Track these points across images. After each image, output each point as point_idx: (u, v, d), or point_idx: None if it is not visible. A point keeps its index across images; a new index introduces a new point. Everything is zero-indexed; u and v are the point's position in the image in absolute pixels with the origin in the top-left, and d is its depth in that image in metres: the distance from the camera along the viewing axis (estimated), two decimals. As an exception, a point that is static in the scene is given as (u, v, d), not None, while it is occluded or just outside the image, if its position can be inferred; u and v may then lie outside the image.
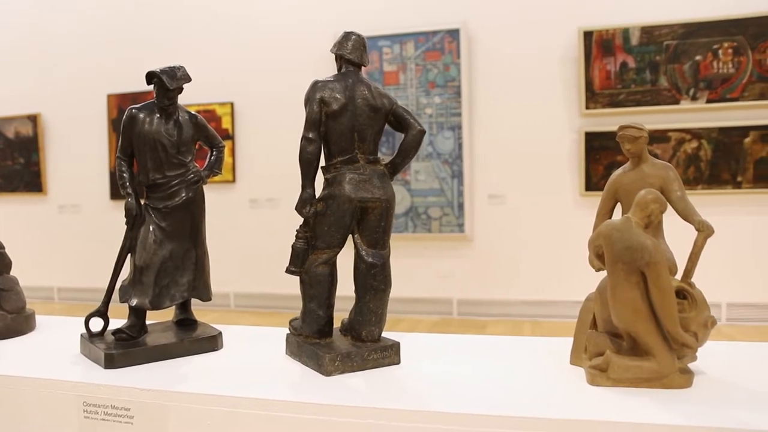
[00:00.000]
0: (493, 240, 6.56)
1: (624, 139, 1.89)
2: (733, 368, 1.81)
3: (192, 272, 2.26)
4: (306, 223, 2.01)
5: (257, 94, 7.04)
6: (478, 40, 6.49)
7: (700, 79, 5.99)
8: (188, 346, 2.13)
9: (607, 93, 6.17)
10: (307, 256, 2.01)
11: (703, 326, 1.68)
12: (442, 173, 6.57)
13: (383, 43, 6.62)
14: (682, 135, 6.02)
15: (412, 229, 6.67)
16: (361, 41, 2.08)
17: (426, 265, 6.70)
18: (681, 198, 1.81)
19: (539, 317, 6.38)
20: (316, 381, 1.83)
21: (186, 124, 2.24)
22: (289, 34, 6.91)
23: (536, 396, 1.65)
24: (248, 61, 7.04)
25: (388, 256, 2.03)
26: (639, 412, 1.51)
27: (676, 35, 6.00)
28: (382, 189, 1.99)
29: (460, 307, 6.65)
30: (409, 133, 2.04)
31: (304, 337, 2.02)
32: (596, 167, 6.20)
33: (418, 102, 6.58)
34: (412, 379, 1.83)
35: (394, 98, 2.07)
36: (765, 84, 5.86)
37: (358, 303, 2.01)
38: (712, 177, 5.97)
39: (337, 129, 1.97)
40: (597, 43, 6.14)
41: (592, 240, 1.77)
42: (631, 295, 1.63)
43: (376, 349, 1.94)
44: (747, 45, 5.87)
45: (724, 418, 1.46)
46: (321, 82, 1.99)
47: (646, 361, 1.63)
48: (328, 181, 2.00)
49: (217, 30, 7.14)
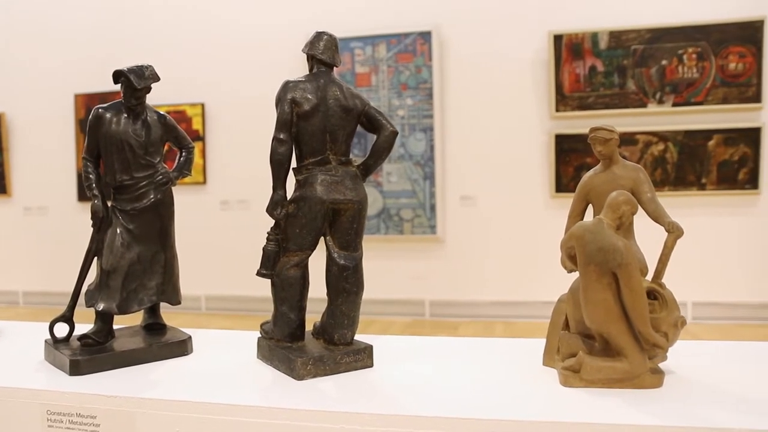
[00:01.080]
0: (465, 241, 6.59)
1: (595, 140, 1.91)
2: (702, 367, 1.83)
3: (161, 275, 2.21)
4: (277, 225, 1.98)
5: (228, 95, 6.97)
6: (450, 42, 6.52)
7: (666, 83, 6.10)
8: (157, 351, 2.08)
9: (576, 96, 6.25)
10: (279, 259, 1.98)
11: (673, 326, 1.70)
12: (414, 175, 6.58)
13: (355, 44, 6.60)
14: (650, 138, 6.13)
15: (384, 231, 6.67)
16: (333, 41, 2.06)
17: (398, 267, 6.70)
18: (651, 199, 1.83)
19: (511, 318, 6.42)
20: (287, 385, 1.80)
21: (154, 125, 2.19)
22: (260, 34, 6.85)
23: (510, 398, 1.65)
24: (219, 62, 6.97)
25: (361, 258, 2.01)
26: (612, 412, 1.52)
27: (643, 40, 6.10)
28: (355, 190, 1.97)
29: (433, 309, 6.66)
30: (382, 135, 2.03)
31: (276, 340, 1.99)
32: (566, 169, 6.28)
33: (390, 103, 6.58)
34: (385, 382, 1.82)
35: (366, 99, 2.05)
36: (727, 89, 6.00)
37: (330, 306, 1.99)
38: (678, 179, 6.09)
39: (308, 130, 1.95)
40: (567, 46, 6.22)
41: (564, 241, 1.78)
42: (603, 296, 1.64)
43: (348, 352, 1.92)
44: (710, 51, 6.00)
45: (694, 418, 1.48)
46: (292, 83, 1.97)
47: (618, 361, 1.65)
48: (299, 183, 1.98)
49: (188, 29, 7.05)
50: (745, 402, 1.57)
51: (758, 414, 1.49)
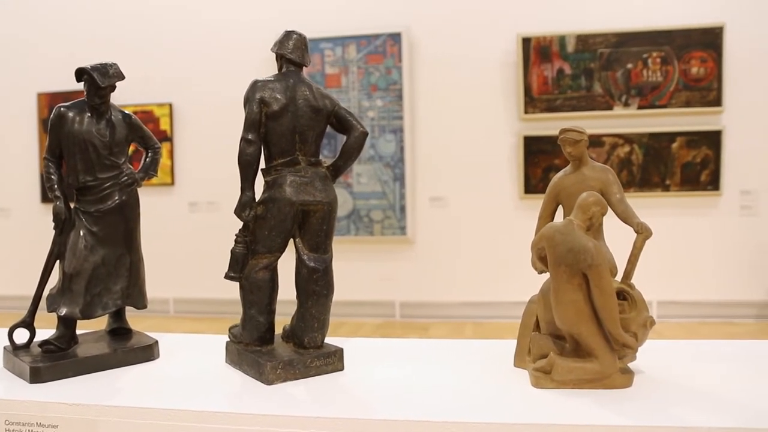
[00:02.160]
0: (435, 242, 6.61)
1: (565, 142, 1.92)
2: (670, 366, 1.85)
3: (126, 279, 2.16)
4: (246, 227, 1.95)
5: (197, 95, 6.86)
6: (420, 44, 6.54)
7: (631, 86, 6.21)
8: (122, 356, 2.03)
9: (544, 98, 6.31)
10: (247, 261, 1.95)
11: (642, 326, 1.72)
12: (384, 176, 6.57)
13: (325, 45, 6.57)
14: (616, 140, 6.23)
15: (354, 232, 6.65)
16: (303, 41, 2.03)
17: (368, 268, 6.68)
18: (620, 200, 1.85)
19: (481, 318, 6.45)
20: (257, 390, 1.77)
21: (119, 124, 2.14)
22: (230, 34, 6.77)
23: (481, 400, 1.65)
24: (188, 61, 6.86)
25: (331, 260, 1.99)
26: (583, 413, 1.52)
27: (609, 44, 6.20)
28: (324, 192, 1.95)
29: (403, 310, 6.66)
30: (352, 135, 2.01)
31: (245, 344, 1.96)
32: (535, 170, 6.34)
33: (360, 105, 6.56)
34: (356, 386, 1.80)
35: (336, 99, 2.03)
36: (690, 92, 6.13)
37: (300, 309, 1.97)
38: (643, 180, 6.19)
39: (277, 130, 1.92)
40: (535, 49, 6.28)
41: (534, 243, 1.78)
42: (573, 297, 1.64)
43: (318, 355, 1.90)
44: (674, 55, 6.12)
45: (664, 417, 1.49)
46: (261, 82, 1.94)
47: (588, 362, 1.66)
48: (268, 184, 1.95)
49: (156, 28, 6.92)
50: (712, 400, 1.60)
51: (726, 413, 1.51)
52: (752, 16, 6.06)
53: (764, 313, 6.24)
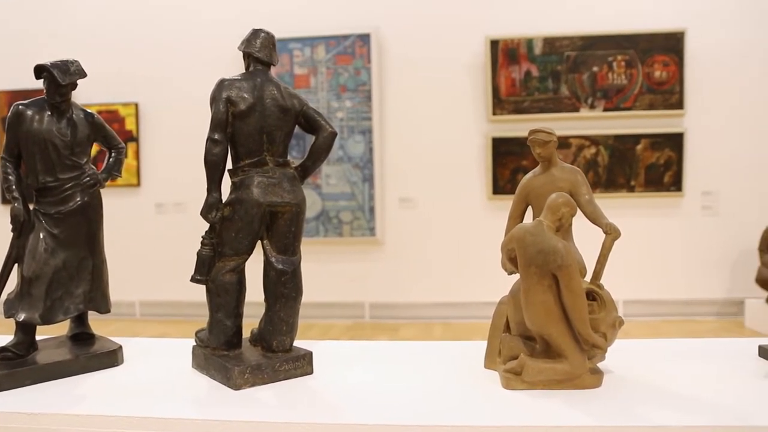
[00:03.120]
0: (404, 243, 6.61)
1: (534, 143, 1.92)
2: (638, 366, 1.87)
3: (88, 282, 2.10)
4: (212, 228, 1.92)
5: (163, 94, 6.75)
6: (389, 45, 6.53)
7: (597, 88, 6.30)
8: (84, 362, 1.98)
9: (512, 100, 6.37)
10: (214, 264, 1.91)
11: (611, 327, 1.73)
12: (353, 177, 6.55)
13: (294, 45, 6.52)
14: (582, 141, 6.32)
15: (323, 234, 6.61)
16: (271, 39, 2.00)
17: (337, 270, 6.66)
18: (589, 201, 1.86)
19: (450, 319, 6.48)
20: (224, 396, 1.74)
21: (81, 123, 2.08)
22: (197, 32, 6.67)
23: (452, 403, 1.64)
24: (154, 60, 6.74)
25: (299, 262, 1.97)
26: (554, 414, 1.53)
27: (575, 47, 6.28)
28: (293, 193, 1.92)
29: (372, 311, 6.65)
30: (320, 136, 1.98)
31: (212, 349, 1.92)
32: (503, 171, 6.39)
33: (329, 105, 6.53)
34: (325, 390, 1.78)
35: (304, 99, 2.01)
36: (653, 95, 6.25)
37: (268, 312, 1.94)
38: (609, 181, 6.29)
39: (244, 130, 1.89)
40: (503, 51, 6.33)
41: (504, 244, 1.78)
42: (543, 298, 1.65)
43: (287, 359, 1.87)
44: (638, 59, 6.24)
45: (633, 417, 1.51)
46: (228, 81, 1.90)
47: (558, 363, 1.66)
48: (235, 185, 1.91)
49: (122, 25, 6.77)
50: (680, 399, 1.62)
51: (693, 412, 1.53)
52: (712, 21, 6.21)
53: (725, 311, 6.40)
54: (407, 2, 6.54)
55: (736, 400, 1.60)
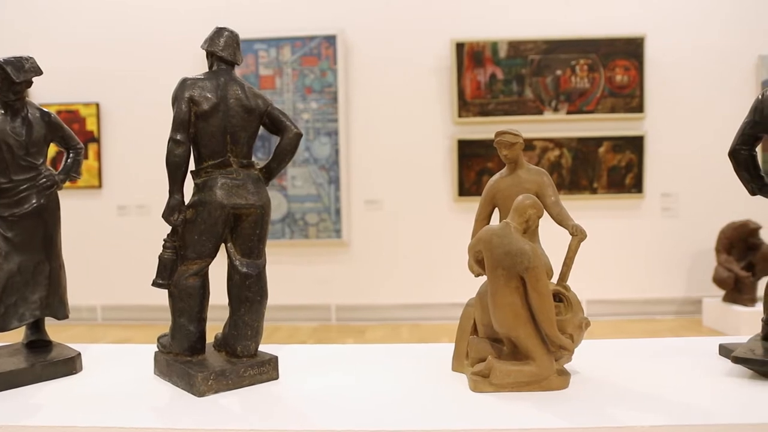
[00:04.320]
0: (371, 245, 6.60)
1: (501, 144, 1.93)
2: (603, 366, 1.89)
3: (45, 288, 2.03)
4: (174, 231, 1.87)
5: (125, 94, 6.61)
6: (355, 47, 6.52)
7: (560, 92, 6.39)
8: (40, 371, 1.91)
9: (477, 102, 6.41)
10: (176, 268, 1.86)
11: (578, 328, 1.74)
12: (319, 179, 6.51)
13: (259, 46, 6.45)
14: (546, 144, 6.40)
15: (289, 236, 6.56)
16: (235, 38, 1.97)
17: (303, 272, 6.61)
18: (555, 203, 1.87)
19: (417, 320, 6.49)
20: (187, 403, 1.69)
21: (37, 123, 2.01)
22: (160, 31, 6.55)
23: (420, 407, 1.63)
24: (116, 59, 6.59)
25: (264, 265, 1.93)
26: (522, 417, 1.53)
27: (539, 50, 6.36)
28: (257, 195, 1.89)
29: (339, 313, 6.62)
30: (285, 136, 1.96)
31: (174, 354, 1.88)
32: (468, 173, 6.43)
33: (294, 107, 6.48)
34: (291, 395, 1.75)
35: (269, 99, 1.98)
36: (615, 99, 6.37)
37: (233, 316, 1.90)
38: (572, 183, 6.39)
39: (207, 130, 1.85)
40: (468, 54, 6.37)
41: (472, 246, 1.78)
42: (511, 299, 1.65)
43: (252, 364, 1.83)
44: (600, 63, 6.35)
45: (601, 417, 1.52)
46: (190, 80, 1.86)
47: (526, 365, 1.67)
48: (198, 187, 1.87)
49: (82, 22, 6.61)
50: (646, 399, 1.63)
51: (659, 411, 1.55)
52: (670, 28, 6.37)
53: (683, 310, 6.55)
54: (373, 4, 6.54)
55: (700, 399, 1.63)
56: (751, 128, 1.95)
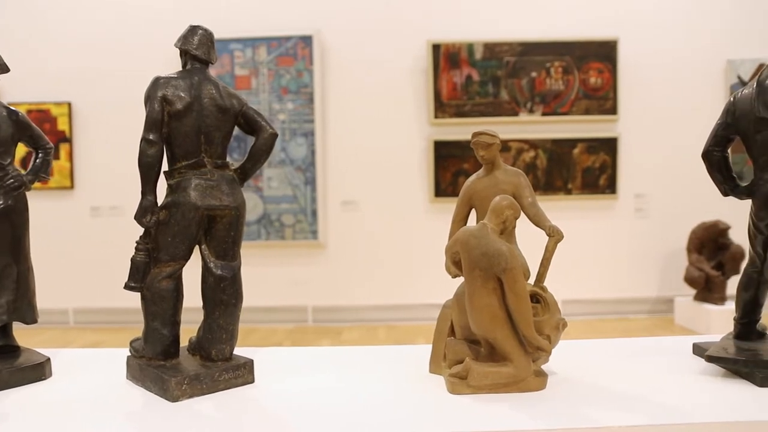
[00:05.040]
0: (347, 246, 6.58)
1: (478, 145, 1.92)
2: (579, 366, 1.90)
3: (12, 292, 1.98)
4: (147, 233, 1.83)
5: (98, 93, 6.49)
6: (331, 47, 6.50)
7: (535, 93, 6.44)
8: (8, 377, 1.86)
9: (453, 104, 6.43)
10: (149, 270, 1.83)
11: (555, 329, 1.75)
12: (295, 180, 6.47)
13: (235, 46, 6.39)
14: (522, 145, 6.44)
15: (265, 237, 6.51)
16: (209, 36, 1.93)
17: (280, 273, 6.57)
18: (532, 204, 1.87)
19: (393, 321, 6.49)
20: (160, 408, 1.66)
21: (4, 122, 1.96)
22: (134, 29, 6.45)
23: (398, 410, 1.61)
24: (88, 57, 6.47)
25: (239, 267, 1.90)
26: (500, 419, 1.52)
27: (514, 52, 6.40)
28: (232, 196, 1.86)
29: (316, 315, 6.59)
30: (261, 137, 1.93)
31: (147, 359, 1.84)
32: (445, 174, 6.44)
33: (270, 107, 6.43)
34: (267, 399, 1.72)
35: (244, 99, 1.95)
36: (589, 101, 6.44)
37: (207, 319, 1.87)
38: (547, 184, 6.45)
39: (181, 130, 1.81)
40: (445, 56, 6.39)
41: (449, 247, 1.77)
42: (488, 301, 1.64)
43: (227, 368, 1.81)
44: (574, 65, 6.42)
45: (578, 418, 1.52)
46: (163, 79, 1.83)
47: (503, 366, 1.66)
48: (171, 188, 1.84)
49: (53, 20, 6.48)
50: (623, 399, 1.64)
51: (637, 411, 1.56)
52: (642, 32, 6.46)
53: (656, 309, 6.65)
54: (350, 5, 6.52)
55: (676, 398, 1.65)
56: (723, 130, 1.97)
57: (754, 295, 1.97)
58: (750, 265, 1.98)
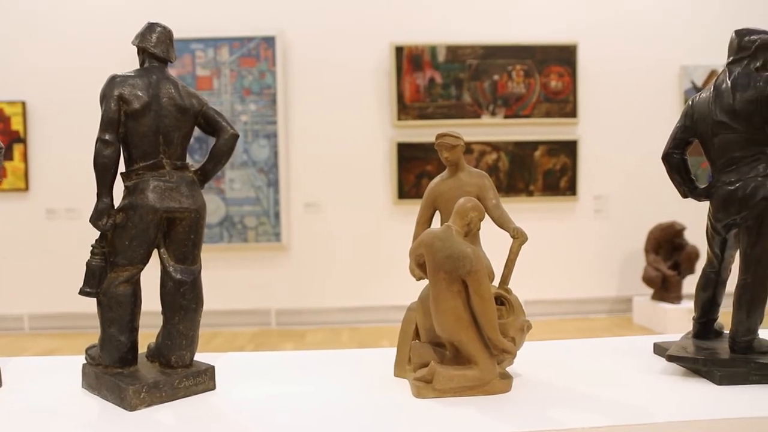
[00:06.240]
0: (310, 248, 6.54)
1: (442, 147, 1.92)
2: (544, 368, 1.91)
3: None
4: (103, 236, 1.77)
5: (53, 92, 6.31)
6: (294, 48, 6.45)
7: (497, 96, 6.50)
8: (-47, 388, 1.77)
9: (416, 106, 6.45)
10: (105, 275, 1.77)
11: (519, 331, 1.75)
12: (258, 182, 6.40)
13: (196, 46, 6.29)
14: (484, 147, 6.49)
15: (228, 240, 6.41)
16: (167, 34, 1.88)
17: (242, 276, 6.49)
18: (496, 206, 1.87)
19: (357, 323, 6.46)
20: (117, 418, 1.60)
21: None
22: (91, 27, 6.29)
23: (363, 415, 1.59)
24: (43, 56, 6.29)
25: (199, 271, 1.86)
26: (466, 422, 1.52)
27: (477, 55, 6.45)
28: (192, 198, 1.81)
29: (279, 317, 6.52)
30: (221, 137, 1.89)
31: (104, 367, 1.78)
32: (408, 176, 6.45)
33: (232, 108, 6.35)
34: (228, 406, 1.68)
35: (204, 99, 1.90)
36: (549, 104, 6.54)
37: (167, 325, 1.81)
38: (509, 186, 6.51)
39: (139, 130, 1.76)
40: (407, 58, 6.40)
41: (413, 249, 1.76)
42: (453, 303, 1.63)
43: (187, 375, 1.76)
44: (535, 69, 6.50)
45: (543, 420, 1.52)
46: (120, 77, 1.77)
47: (468, 369, 1.65)
48: (128, 189, 1.78)
49: (6, 17, 6.27)
50: (587, 400, 1.65)
51: (601, 412, 1.57)
52: (600, 37, 6.60)
53: (615, 308, 6.78)
54: (313, 6, 6.48)
55: (639, 398, 1.67)
56: (682, 133, 2.01)
57: (712, 295, 2.01)
58: (708, 266, 2.03)
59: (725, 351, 1.87)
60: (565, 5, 6.60)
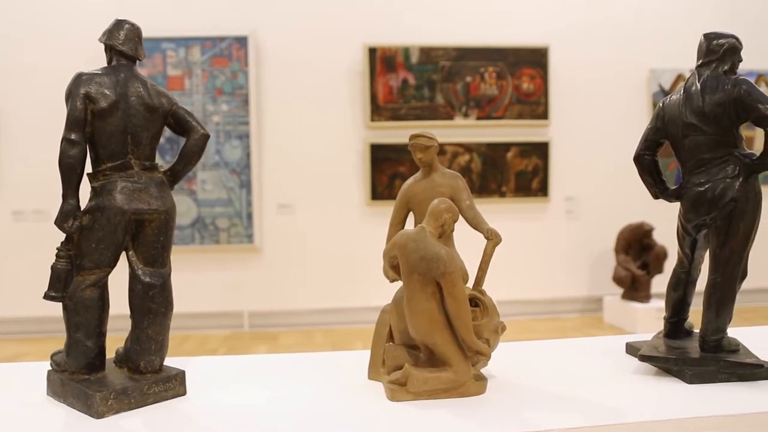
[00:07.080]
0: (283, 250, 6.50)
1: (415, 147, 1.91)
2: (518, 369, 1.91)
3: None
4: (69, 239, 1.72)
5: (20, 92, 6.17)
6: (267, 49, 6.40)
7: (470, 98, 6.54)
8: None
9: (390, 107, 6.45)
10: (71, 278, 1.72)
11: (494, 332, 1.74)
12: (230, 183, 6.33)
13: (167, 45, 6.20)
14: (457, 148, 6.52)
15: (199, 241, 6.33)
16: (136, 31, 1.84)
17: (214, 278, 6.42)
18: (470, 207, 1.86)
19: (330, 325, 6.44)
20: (84, 426, 1.56)
21: None
22: (58, 25, 6.16)
23: (336, 420, 1.57)
24: (10, 54, 6.14)
25: (169, 274, 1.82)
26: (441, 425, 1.51)
27: (450, 57, 6.48)
28: (161, 199, 1.77)
29: (252, 319, 6.46)
30: (192, 137, 1.85)
31: (70, 373, 1.73)
32: (381, 177, 6.44)
33: (204, 109, 6.27)
34: (199, 412, 1.65)
35: (174, 98, 1.86)
36: (522, 106, 6.60)
37: (135, 329, 1.77)
38: (482, 187, 6.55)
39: (106, 130, 1.71)
40: (381, 59, 6.40)
41: (387, 251, 1.75)
42: (427, 305, 1.62)
43: (157, 381, 1.72)
44: (507, 71, 6.56)
45: (519, 421, 1.52)
46: (86, 75, 1.72)
47: (443, 371, 1.64)
48: (95, 191, 1.73)
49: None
50: (561, 400, 1.66)
51: (576, 412, 1.57)
52: (571, 40, 6.69)
53: (586, 308, 6.87)
54: (286, 6, 6.45)
55: (613, 398, 1.67)
56: (653, 134, 2.03)
57: (683, 295, 2.03)
58: (679, 266, 2.05)
59: (695, 350, 1.90)
60: (536, 9, 6.68)
